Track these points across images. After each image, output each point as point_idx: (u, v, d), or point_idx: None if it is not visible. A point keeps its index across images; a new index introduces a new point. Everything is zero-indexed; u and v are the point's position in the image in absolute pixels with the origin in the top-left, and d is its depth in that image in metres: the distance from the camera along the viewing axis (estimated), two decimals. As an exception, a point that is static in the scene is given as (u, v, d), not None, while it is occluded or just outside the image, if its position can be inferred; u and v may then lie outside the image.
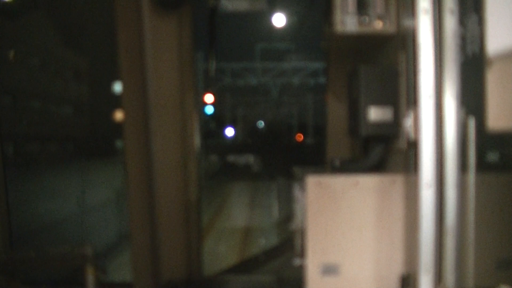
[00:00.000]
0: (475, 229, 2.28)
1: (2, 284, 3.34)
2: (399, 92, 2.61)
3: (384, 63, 2.87)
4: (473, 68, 2.15)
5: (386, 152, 2.84)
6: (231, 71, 22.86)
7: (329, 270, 2.57)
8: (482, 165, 2.29)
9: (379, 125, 2.65)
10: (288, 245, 3.88)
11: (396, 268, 2.55)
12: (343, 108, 3.41)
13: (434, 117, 2.23)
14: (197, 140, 3.77)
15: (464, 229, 2.24)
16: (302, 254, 2.70)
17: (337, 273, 2.57)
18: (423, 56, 2.23)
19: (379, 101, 2.65)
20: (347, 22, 2.65)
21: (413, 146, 2.33)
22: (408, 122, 2.42)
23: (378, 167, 2.85)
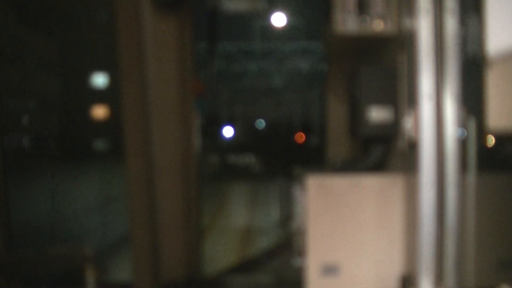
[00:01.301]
0: (475, 229, 2.28)
1: (2, 284, 3.34)
2: (400, 92, 2.61)
3: (385, 63, 2.88)
4: (473, 68, 2.15)
5: (386, 152, 2.84)
6: (225, 55, 17.81)
7: (329, 270, 2.57)
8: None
9: (379, 125, 2.65)
10: (288, 245, 3.88)
11: (396, 268, 2.55)
12: (343, 108, 3.41)
13: (434, 117, 2.23)
14: (197, 140, 3.77)
15: (464, 229, 2.24)
16: (302, 254, 2.70)
17: (337, 273, 2.57)
18: (423, 56, 2.23)
19: (380, 101, 2.65)
20: (347, 21, 2.65)
21: (413, 146, 2.33)
22: (408, 122, 2.42)
23: (379, 168, 2.85)
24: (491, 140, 2.46)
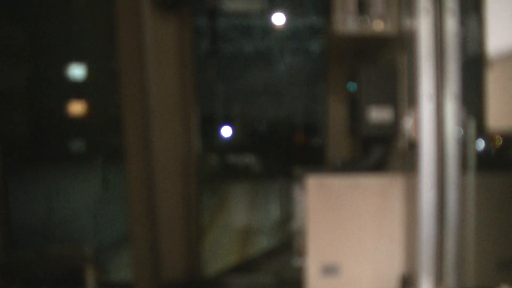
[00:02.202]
0: (475, 229, 2.28)
1: (2, 284, 3.34)
2: (400, 92, 2.61)
3: (385, 63, 2.88)
4: (473, 68, 2.15)
5: (386, 152, 2.84)
6: (217, 32, 13.94)
7: (329, 270, 2.57)
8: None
9: (379, 125, 2.65)
10: (288, 246, 3.88)
11: (396, 268, 2.55)
12: (343, 108, 3.41)
13: (434, 117, 2.23)
14: (197, 140, 3.77)
15: (464, 229, 2.24)
16: (302, 254, 2.70)
17: (337, 273, 2.57)
18: (423, 56, 2.23)
19: (380, 101, 2.65)
20: (347, 21, 2.65)
21: (413, 146, 2.33)
22: (408, 122, 2.42)
23: (379, 167, 2.85)
24: (498, 141, 2.46)
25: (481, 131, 2.18)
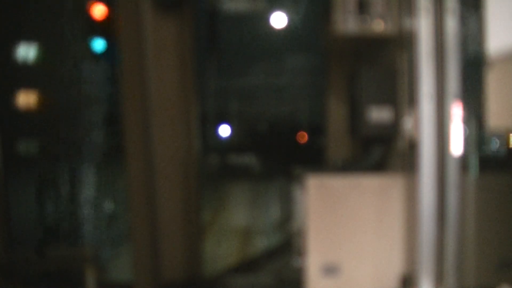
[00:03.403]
0: (475, 229, 2.28)
1: (2, 284, 3.34)
2: (400, 92, 2.61)
3: (385, 63, 2.87)
4: (473, 68, 2.15)
5: (386, 152, 2.84)
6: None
7: (330, 270, 2.57)
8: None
9: (379, 125, 2.65)
10: (288, 246, 3.88)
11: (396, 268, 2.55)
12: (343, 108, 3.41)
13: (434, 117, 2.23)
14: (197, 140, 3.77)
15: (464, 229, 2.24)
16: (302, 254, 2.70)
17: (337, 273, 2.57)
18: (423, 56, 2.23)
19: (380, 102, 2.65)
20: (347, 21, 2.65)
21: (413, 146, 2.33)
22: (408, 122, 2.42)
23: (379, 167, 2.85)
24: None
25: (481, 130, 2.18)
